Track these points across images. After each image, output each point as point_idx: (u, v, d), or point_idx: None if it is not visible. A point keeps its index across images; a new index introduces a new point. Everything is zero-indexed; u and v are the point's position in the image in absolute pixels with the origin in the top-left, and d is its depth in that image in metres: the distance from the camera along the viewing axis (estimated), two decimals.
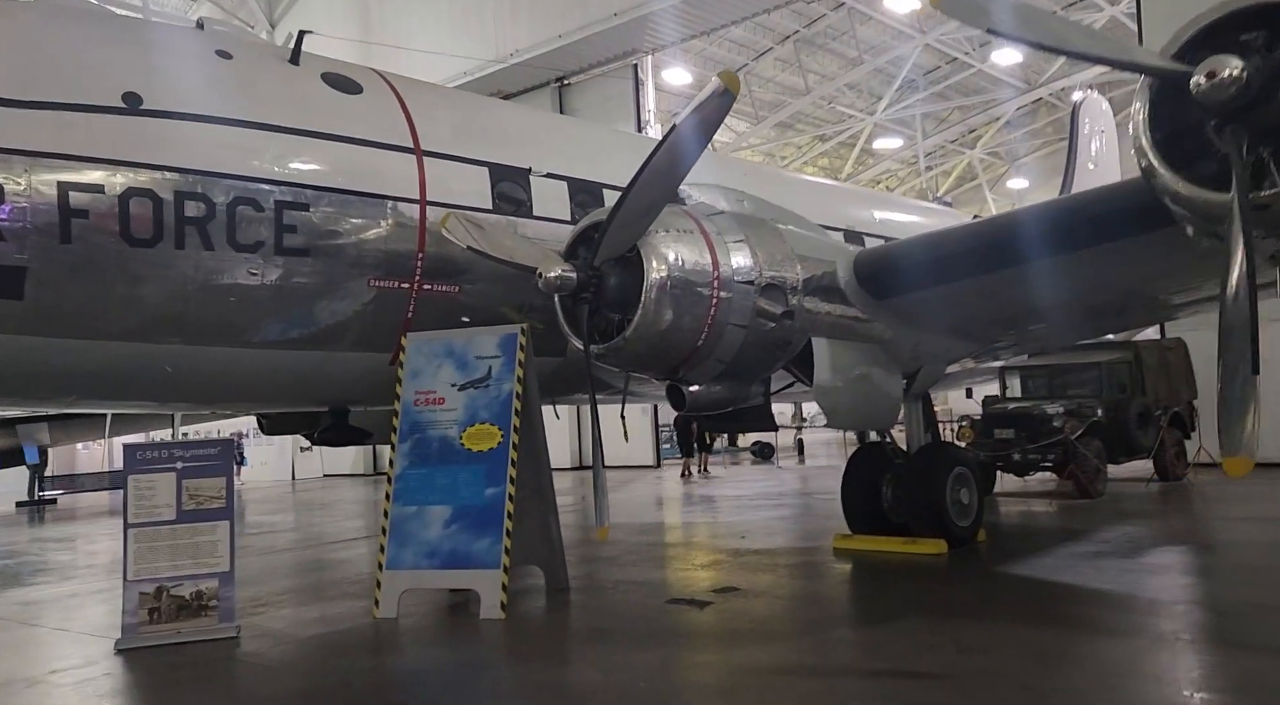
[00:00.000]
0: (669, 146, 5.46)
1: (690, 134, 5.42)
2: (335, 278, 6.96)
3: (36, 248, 5.68)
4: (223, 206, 6.38)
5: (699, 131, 5.46)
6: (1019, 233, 6.37)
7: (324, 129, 7.03)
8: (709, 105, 5.33)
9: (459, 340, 7.20)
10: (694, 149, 5.60)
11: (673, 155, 5.52)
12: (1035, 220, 6.46)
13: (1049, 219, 6.44)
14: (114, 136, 6.04)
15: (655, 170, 5.58)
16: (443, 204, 7.53)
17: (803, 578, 7.31)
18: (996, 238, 6.58)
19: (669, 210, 6.25)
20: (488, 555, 6.47)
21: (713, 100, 5.30)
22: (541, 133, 9.14)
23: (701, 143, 5.58)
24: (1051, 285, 6.70)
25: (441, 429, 6.97)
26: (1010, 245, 6.41)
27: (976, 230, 7.15)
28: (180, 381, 6.78)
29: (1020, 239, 6.34)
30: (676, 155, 5.55)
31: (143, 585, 6.14)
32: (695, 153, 5.65)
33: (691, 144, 5.53)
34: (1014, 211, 7.30)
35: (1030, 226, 6.38)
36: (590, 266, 6.14)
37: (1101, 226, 5.81)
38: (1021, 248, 6.36)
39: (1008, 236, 6.45)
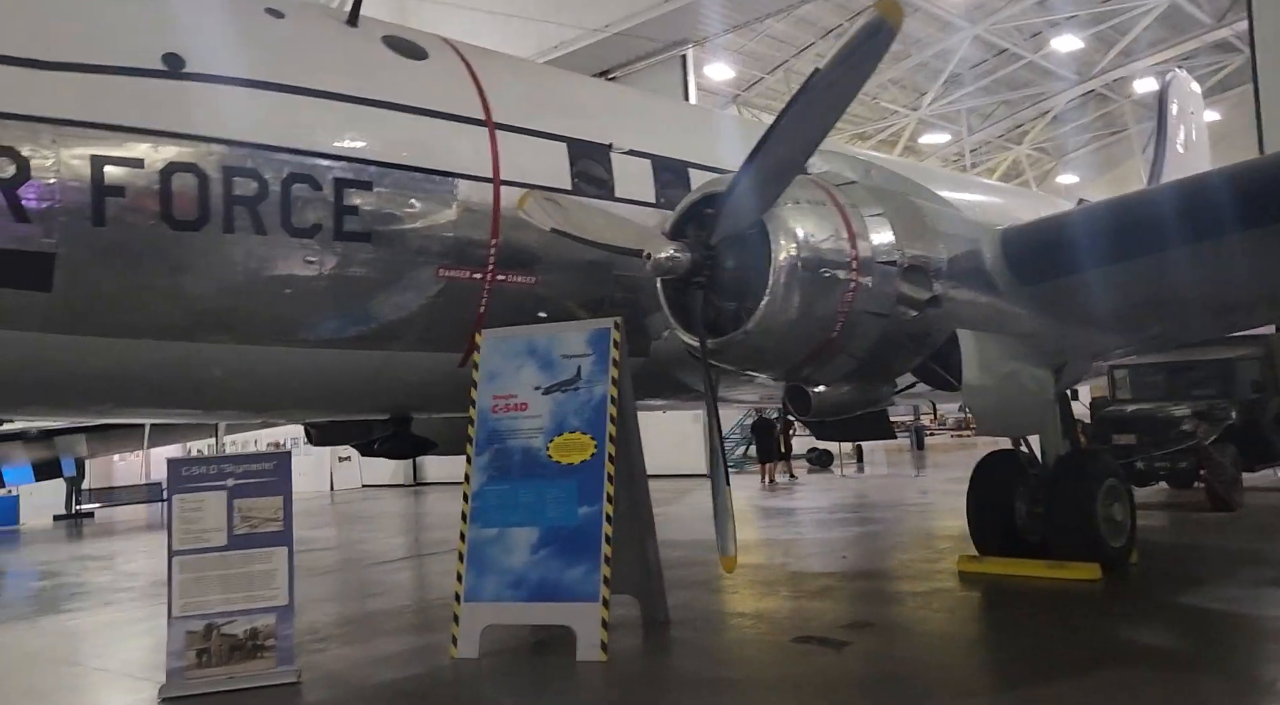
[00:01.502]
0: (810, 95, 4.50)
1: (839, 78, 4.47)
2: (400, 267, 6.12)
3: (66, 231, 4.89)
4: (276, 184, 5.57)
5: (849, 75, 4.52)
6: (1209, 200, 5.35)
7: (387, 97, 6.19)
8: (862, 43, 4.38)
9: (542, 337, 6.32)
10: (843, 97, 4.67)
11: (814, 105, 4.57)
12: (1227, 186, 5.44)
13: (1245, 184, 5.42)
14: (153, 103, 5.24)
15: (791, 124, 4.64)
16: (518, 183, 6.67)
17: (941, 610, 6.32)
18: (1180, 207, 5.56)
19: (796, 179, 5.32)
20: (583, 586, 5.57)
21: (867, 37, 4.35)
22: (621, 107, 8.28)
23: (853, 89, 4.66)
24: (1238, 265, 5.68)
25: (524, 438, 6.09)
26: (1197, 216, 5.40)
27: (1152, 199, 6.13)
28: (229, 386, 5.97)
29: (1211, 208, 5.33)
30: (820, 105, 4.61)
31: (190, 622, 5.32)
32: (844, 102, 4.73)
33: (840, 91, 4.59)
34: (1201, 176, 6.26)
35: (1222, 193, 5.36)
36: (705, 245, 5.23)
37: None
38: (1211, 219, 5.35)
39: (1196, 205, 5.44)
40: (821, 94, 4.53)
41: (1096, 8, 27.08)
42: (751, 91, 31.50)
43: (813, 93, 4.51)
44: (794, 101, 4.59)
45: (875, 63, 4.54)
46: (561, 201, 6.36)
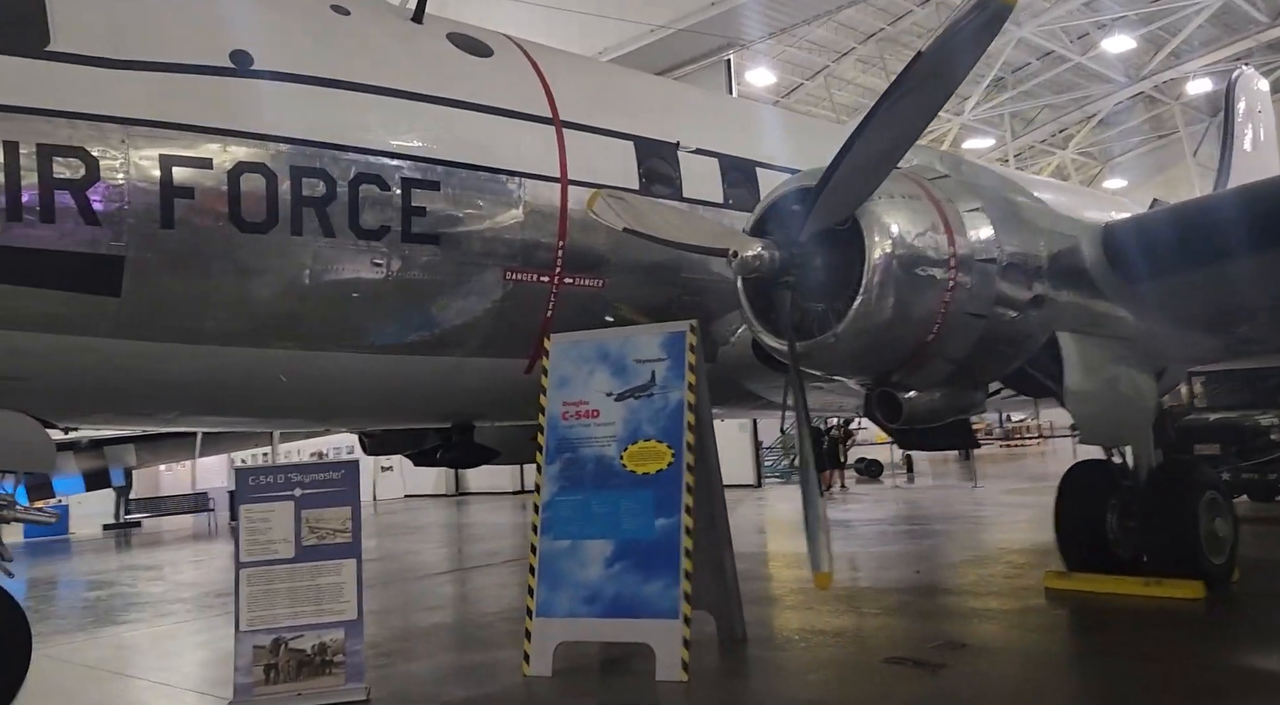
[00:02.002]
0: (912, 80, 4.22)
1: (944, 61, 4.18)
2: (468, 269, 5.94)
3: (135, 234, 4.76)
4: (344, 185, 5.41)
5: (956, 58, 4.24)
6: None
7: (453, 95, 6.03)
8: (971, 21, 4.07)
9: (614, 341, 6.09)
10: (948, 82, 4.39)
11: (916, 92, 4.28)
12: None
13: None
14: (221, 102, 5.11)
15: (891, 113, 4.35)
16: (586, 183, 6.47)
17: (1036, 630, 5.97)
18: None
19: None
20: (662, 601, 5.31)
21: (977, 14, 4.05)
22: (687, 105, 8.07)
23: (959, 74, 4.37)
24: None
25: (597, 447, 5.86)
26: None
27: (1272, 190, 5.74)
28: (295, 393, 5.81)
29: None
30: (922, 92, 4.33)
31: (258, 637, 5.15)
32: (949, 88, 4.45)
33: (945, 76, 4.30)
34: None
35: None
36: (793, 243, 4.96)
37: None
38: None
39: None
40: (924, 79, 4.25)
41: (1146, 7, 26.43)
42: (792, 97, 31.23)
43: (915, 78, 4.23)
44: (894, 87, 4.31)
45: (986, 44, 4.25)
46: (632, 200, 6.13)
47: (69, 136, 4.61)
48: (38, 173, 4.52)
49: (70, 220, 4.60)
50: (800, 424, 5.16)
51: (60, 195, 4.58)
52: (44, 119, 4.56)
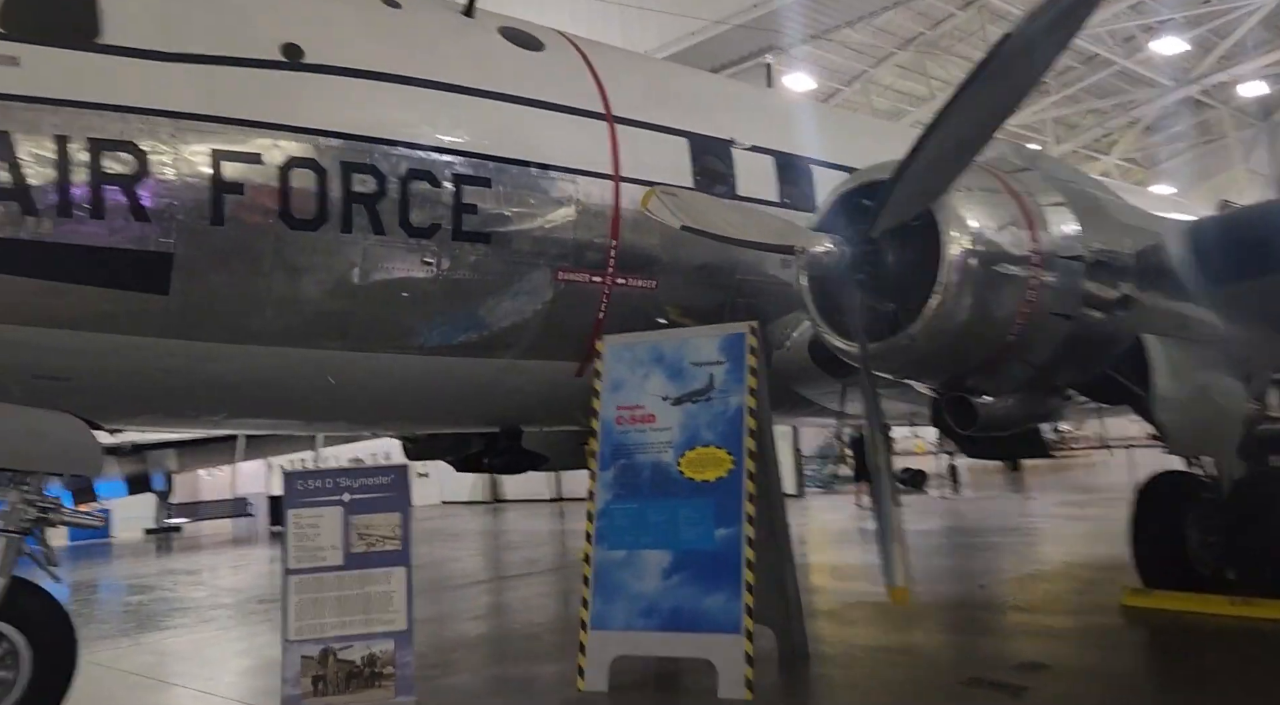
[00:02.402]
0: (998, 63, 3.94)
1: (1035, 42, 3.90)
2: (519, 269, 5.76)
3: (184, 230, 4.63)
4: (395, 181, 5.26)
5: (1050, 39, 3.96)
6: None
7: (505, 89, 5.87)
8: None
9: (670, 343, 5.87)
10: (1037, 67, 4.12)
11: (1002, 76, 4.01)
12: None
13: None
14: (272, 95, 4.98)
15: (974, 99, 4.09)
16: (639, 180, 6.27)
17: (1119, 651, 5.63)
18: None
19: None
20: (724, 615, 5.07)
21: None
22: (741, 102, 7.89)
23: (1051, 56, 4.09)
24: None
25: (653, 453, 5.63)
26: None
27: None
28: (343, 395, 5.65)
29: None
30: (1009, 76, 4.06)
31: (306, 646, 4.99)
32: (1042, 68, 4.18)
33: (1035, 59, 4.02)
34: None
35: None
36: (865, 239, 4.71)
37: None
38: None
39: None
40: (1011, 62, 3.98)
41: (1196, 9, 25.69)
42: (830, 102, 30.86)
43: (1001, 60, 3.96)
44: (978, 71, 4.04)
45: (1083, 21, 3.97)
46: (689, 197, 5.92)
47: (119, 131, 4.50)
48: (88, 168, 4.41)
49: (119, 216, 4.48)
50: (873, 429, 4.89)
51: (109, 190, 4.47)
52: (94, 113, 4.46)
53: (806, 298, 5.23)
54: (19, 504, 4.73)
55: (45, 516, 4.82)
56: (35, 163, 4.31)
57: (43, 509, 4.81)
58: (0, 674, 4.55)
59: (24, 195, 4.28)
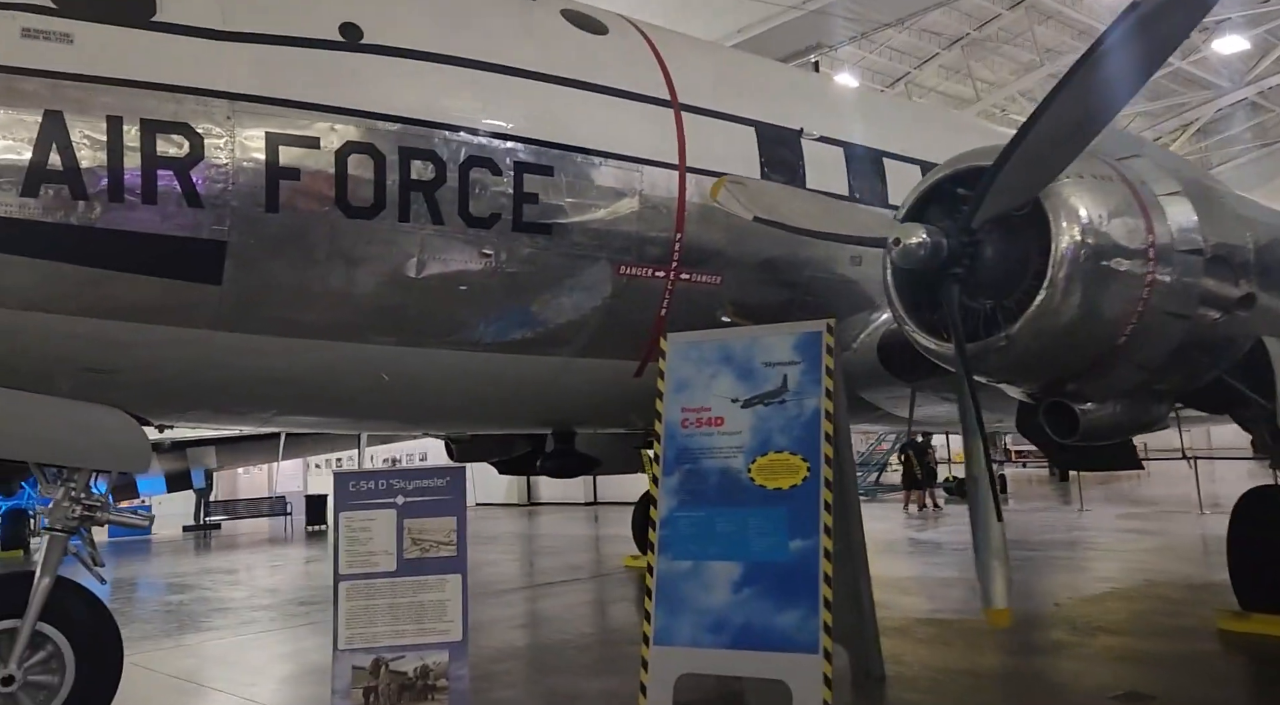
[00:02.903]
0: (1123, 33, 3.61)
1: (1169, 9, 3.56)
2: (579, 262, 5.52)
3: (239, 217, 4.44)
4: (454, 168, 5.04)
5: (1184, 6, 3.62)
6: None
7: (568, 74, 5.63)
8: None
9: (739, 342, 5.58)
10: (1173, 34, 3.77)
11: (1129, 48, 3.67)
12: None
13: None
14: (330, 77, 4.78)
15: (1093, 76, 3.76)
16: (705, 171, 6.01)
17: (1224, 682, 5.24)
18: None
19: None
20: (800, 634, 4.76)
21: None
22: (809, 91, 7.58)
23: (1191, 21, 3.75)
24: None
25: (721, 458, 5.34)
26: None
27: None
28: (395, 392, 5.46)
29: None
30: (1133, 51, 3.72)
31: (356, 656, 4.76)
32: (1173, 42, 3.84)
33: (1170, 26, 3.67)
34: None
35: None
36: (965, 229, 4.39)
37: None
38: None
39: None
40: (1139, 33, 3.64)
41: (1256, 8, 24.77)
42: None
43: (1126, 32, 3.63)
44: (1097, 46, 3.72)
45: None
46: (760, 187, 5.64)
47: (173, 112, 4.32)
48: (140, 150, 4.24)
49: (172, 202, 4.30)
50: (972, 435, 4.54)
51: (163, 175, 4.29)
52: (149, 93, 4.29)
53: (891, 294, 4.92)
54: (64, 502, 4.58)
55: (91, 515, 4.66)
56: (87, 145, 4.14)
57: (89, 507, 4.65)
58: (43, 678, 4.39)
59: (75, 178, 4.11)
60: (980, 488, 4.32)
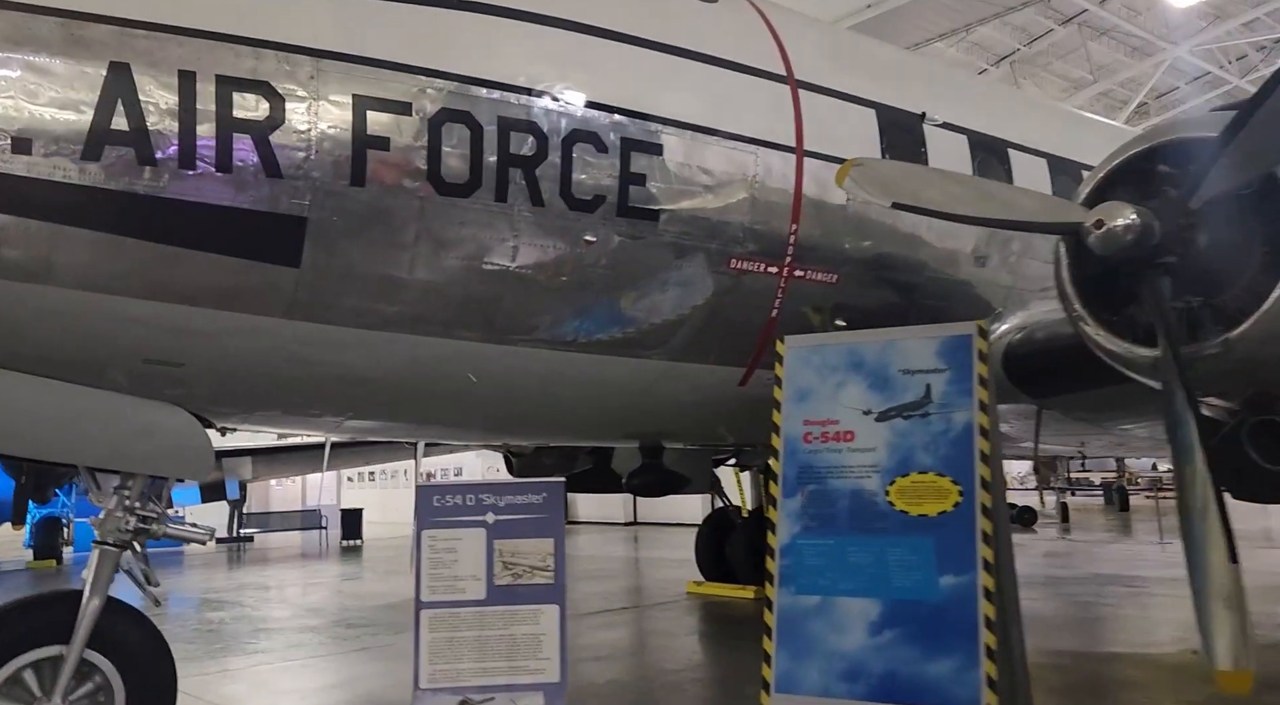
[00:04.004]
0: None
1: None
2: (688, 253, 4.99)
3: (321, 191, 3.96)
4: (556, 143, 4.53)
5: None
6: None
7: (676, 42, 5.11)
8: None
9: (871, 346, 4.98)
10: None
11: None
12: None
13: None
14: (423, 36, 4.30)
15: None
16: (823, 155, 5.45)
17: None
18: None
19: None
20: (956, 686, 4.15)
21: None
22: (930, 74, 7.02)
23: None
24: None
25: (853, 478, 4.75)
26: None
27: None
28: (483, 395, 4.93)
29: None
30: None
31: (441, 697, 4.22)
32: None
33: None
34: None
35: None
36: (1183, 211, 3.78)
37: None
38: None
39: None
40: None
41: None
42: None
43: None
44: None
45: None
46: (897, 168, 5.07)
47: (253, 68, 3.85)
48: (216, 111, 3.76)
49: (249, 171, 3.83)
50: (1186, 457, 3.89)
51: (239, 140, 3.82)
52: (225, 46, 3.82)
53: (1068, 288, 4.30)
54: (117, 512, 4.10)
55: (147, 528, 4.17)
56: (156, 103, 3.67)
57: (144, 518, 4.16)
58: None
59: (142, 141, 3.65)
60: (1205, 521, 3.67)
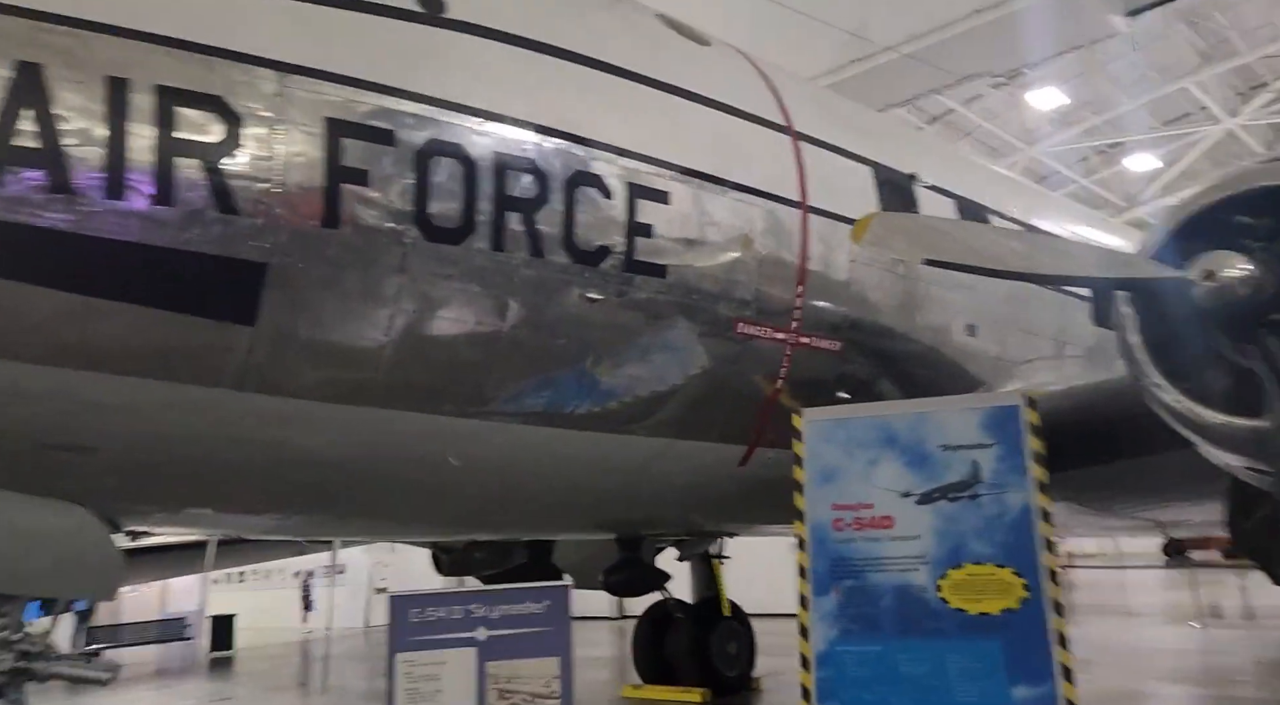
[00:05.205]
0: None
1: None
2: (694, 315, 4.50)
3: (284, 232, 3.28)
4: (558, 186, 4.01)
5: None
6: None
7: (678, 82, 4.71)
8: None
9: (903, 420, 4.54)
10: None
11: None
12: None
13: None
14: (409, 54, 3.75)
15: None
16: (826, 212, 5.12)
17: None
18: None
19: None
20: None
21: None
22: (914, 136, 6.88)
23: None
24: None
25: (897, 571, 4.24)
26: None
27: None
28: (462, 481, 4.21)
29: None
30: None
31: None
32: None
33: None
34: None
35: None
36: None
37: None
38: None
39: None
40: None
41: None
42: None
43: None
44: None
45: None
46: (923, 222, 4.74)
47: (203, 80, 3.19)
48: (154, 128, 3.06)
49: (195, 203, 3.14)
50: None
51: (183, 165, 3.12)
52: (168, 51, 3.15)
53: (1139, 353, 3.98)
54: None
55: (28, 667, 3.22)
56: (76, 115, 2.96)
57: (26, 654, 3.21)
58: None
59: (55, 162, 2.93)
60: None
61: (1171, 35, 20.14)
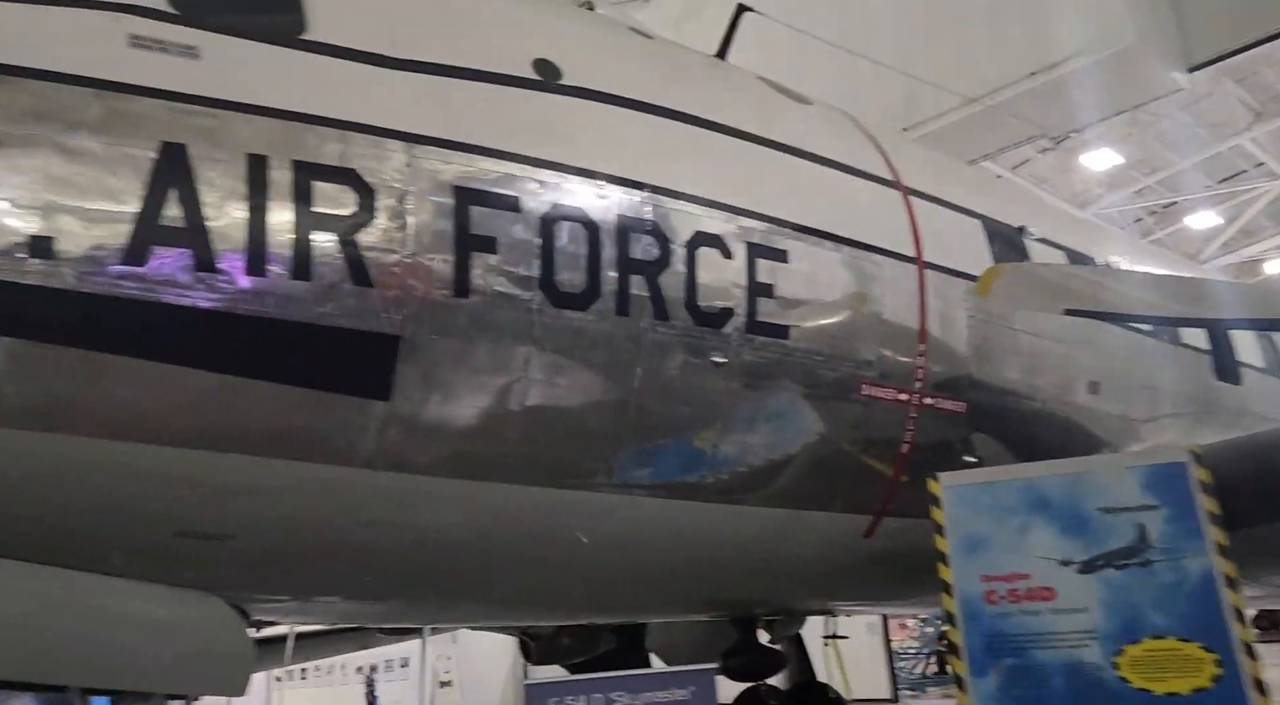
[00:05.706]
0: None
1: None
2: (819, 378, 4.33)
3: (418, 303, 3.20)
4: (680, 248, 3.91)
5: None
6: None
7: (787, 141, 4.63)
8: None
9: (1053, 481, 4.26)
10: None
11: None
12: None
13: None
14: (529, 122, 3.71)
15: None
16: (942, 267, 4.96)
17: None
18: None
19: None
20: None
21: None
22: (1015, 188, 6.73)
23: None
24: None
25: (1065, 647, 3.91)
26: None
27: None
28: (586, 561, 4.02)
29: None
30: None
31: None
32: None
33: None
34: None
35: None
36: None
37: None
38: None
39: None
40: None
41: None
42: None
43: None
44: None
45: None
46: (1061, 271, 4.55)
47: (338, 153, 3.16)
48: (293, 203, 3.03)
49: (331, 276, 3.06)
50: None
51: (320, 239, 3.07)
52: (304, 127, 3.13)
53: None
54: None
55: None
56: (218, 192, 2.92)
57: None
58: None
59: (199, 240, 2.88)
60: None
61: (1220, 93, 19.92)
